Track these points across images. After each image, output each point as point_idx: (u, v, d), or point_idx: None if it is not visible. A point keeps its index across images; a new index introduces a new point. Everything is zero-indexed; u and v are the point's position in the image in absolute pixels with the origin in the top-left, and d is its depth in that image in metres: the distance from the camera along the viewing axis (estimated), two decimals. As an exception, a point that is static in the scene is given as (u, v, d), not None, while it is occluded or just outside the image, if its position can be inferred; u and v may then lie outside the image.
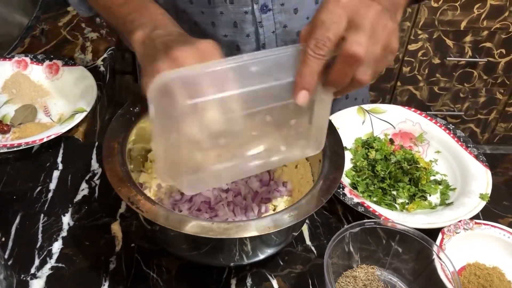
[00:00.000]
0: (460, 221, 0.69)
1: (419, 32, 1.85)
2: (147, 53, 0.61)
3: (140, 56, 0.63)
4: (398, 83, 2.00)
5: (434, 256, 0.62)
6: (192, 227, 0.55)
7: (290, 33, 0.83)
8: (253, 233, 0.55)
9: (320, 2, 0.82)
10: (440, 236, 0.67)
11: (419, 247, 0.63)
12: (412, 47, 1.89)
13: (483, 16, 1.80)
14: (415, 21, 1.82)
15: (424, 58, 1.92)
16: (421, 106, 2.04)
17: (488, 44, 1.88)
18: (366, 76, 0.51)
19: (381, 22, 0.50)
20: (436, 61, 1.93)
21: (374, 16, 0.50)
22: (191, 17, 0.82)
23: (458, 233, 0.68)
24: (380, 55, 0.51)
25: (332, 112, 0.86)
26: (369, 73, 0.51)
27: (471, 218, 0.71)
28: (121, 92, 1.35)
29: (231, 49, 0.85)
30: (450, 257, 0.61)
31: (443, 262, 0.60)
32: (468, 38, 1.86)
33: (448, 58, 1.91)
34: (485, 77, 1.98)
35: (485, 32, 1.85)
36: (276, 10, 0.79)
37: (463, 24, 1.82)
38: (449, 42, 1.88)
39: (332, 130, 0.68)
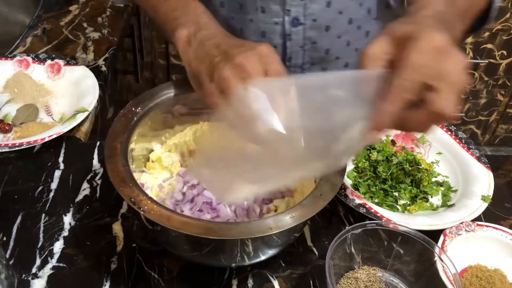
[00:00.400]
0: (462, 223, 0.69)
1: (421, 33, 1.84)
2: (196, 55, 0.61)
3: (185, 55, 0.63)
4: (399, 84, 2.00)
5: (436, 258, 0.62)
6: (194, 228, 0.55)
7: (318, 50, 0.82)
8: (255, 234, 0.55)
9: (353, 22, 0.80)
10: (441, 237, 0.67)
11: (420, 249, 0.63)
12: (413, 48, 1.88)
13: (484, 17, 1.79)
14: (417, 22, 1.82)
15: (425, 59, 1.92)
16: (422, 107, 2.04)
17: (489, 46, 1.88)
18: (429, 129, 0.49)
19: (463, 78, 0.47)
20: (437, 62, 1.93)
21: (461, 71, 0.47)
22: (220, 21, 0.83)
23: (460, 235, 0.68)
24: None
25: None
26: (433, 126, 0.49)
27: (473, 220, 0.70)
28: (122, 92, 1.35)
29: None
30: (452, 259, 0.60)
31: (445, 263, 0.60)
32: (469, 39, 1.86)
33: (449, 59, 1.90)
34: (486, 79, 1.98)
35: (486, 34, 1.84)
36: (308, 25, 0.78)
37: (464, 26, 1.82)
38: (450, 43, 1.88)
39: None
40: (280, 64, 0.58)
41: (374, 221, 0.65)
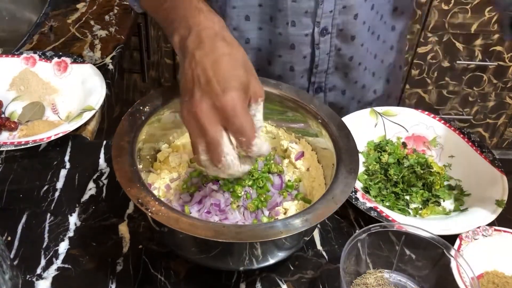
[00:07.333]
0: (478, 227, 0.67)
1: (429, 35, 1.83)
2: (185, 72, 0.57)
3: (180, 63, 0.60)
4: (407, 86, 1.98)
5: (452, 262, 0.60)
6: (203, 230, 0.53)
7: (343, 56, 0.86)
8: (265, 237, 0.53)
9: (370, 30, 0.84)
10: (458, 241, 0.66)
11: (436, 252, 0.61)
12: (421, 50, 1.87)
13: (494, 19, 1.78)
14: (425, 23, 1.80)
15: (434, 61, 1.90)
16: (429, 110, 2.01)
17: (498, 48, 1.86)
18: None
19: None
20: (446, 64, 1.91)
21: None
22: (245, 34, 0.83)
23: (477, 239, 0.66)
24: None
25: (344, 114, 0.85)
26: None
27: (490, 225, 0.69)
28: (129, 91, 1.34)
29: (284, 69, 0.87)
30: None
31: (462, 268, 0.59)
32: (479, 42, 1.85)
33: (457, 62, 1.89)
34: (494, 81, 1.96)
35: (496, 36, 1.83)
36: (334, 34, 0.82)
37: (473, 27, 1.80)
38: (459, 45, 1.86)
39: (346, 133, 0.67)
40: (242, 117, 0.55)
41: (386, 223, 0.63)
